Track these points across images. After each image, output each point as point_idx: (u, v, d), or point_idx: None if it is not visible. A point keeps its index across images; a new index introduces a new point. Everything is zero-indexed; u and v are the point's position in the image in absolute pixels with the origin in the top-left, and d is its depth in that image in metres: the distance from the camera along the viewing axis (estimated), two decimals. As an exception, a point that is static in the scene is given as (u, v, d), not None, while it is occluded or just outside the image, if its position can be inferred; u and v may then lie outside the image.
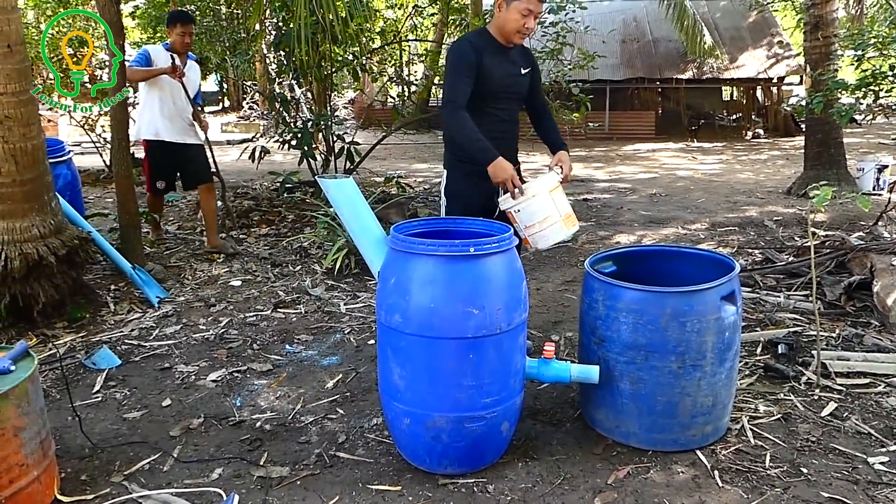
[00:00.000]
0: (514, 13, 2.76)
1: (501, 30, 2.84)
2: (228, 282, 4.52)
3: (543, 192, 2.68)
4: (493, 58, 2.83)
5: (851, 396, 2.86)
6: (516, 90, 2.98)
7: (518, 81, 2.97)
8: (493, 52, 2.85)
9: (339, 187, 2.44)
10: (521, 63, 2.96)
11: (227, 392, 3.01)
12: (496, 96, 2.89)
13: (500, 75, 2.86)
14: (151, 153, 4.96)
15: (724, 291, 2.39)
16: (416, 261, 2.18)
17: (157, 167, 4.99)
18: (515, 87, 2.97)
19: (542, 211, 2.68)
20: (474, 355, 2.17)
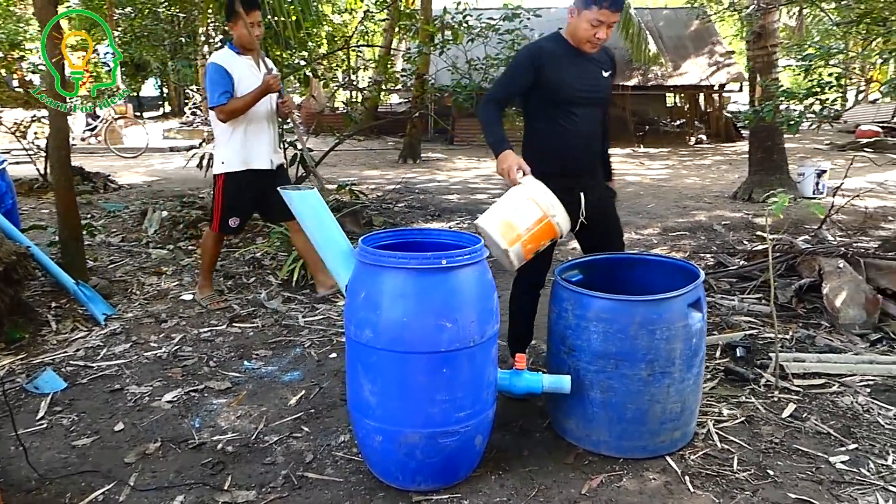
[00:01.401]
0: (584, 22, 2.68)
1: (573, 37, 2.75)
2: (179, 296, 4.36)
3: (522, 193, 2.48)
4: (565, 62, 2.74)
5: (809, 397, 2.93)
6: (596, 94, 2.82)
7: (599, 85, 2.82)
8: (566, 56, 2.75)
9: (303, 199, 2.37)
10: (604, 65, 2.82)
11: (185, 413, 2.88)
12: (571, 101, 2.77)
13: (572, 79, 2.74)
14: (232, 185, 3.93)
15: (690, 299, 2.41)
16: (387, 274, 2.13)
17: (235, 201, 3.96)
18: (595, 90, 2.81)
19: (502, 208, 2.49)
20: (448, 369, 2.13)
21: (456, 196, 8.49)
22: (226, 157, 3.90)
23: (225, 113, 3.74)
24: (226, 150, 3.90)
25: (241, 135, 3.86)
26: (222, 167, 3.91)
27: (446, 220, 6.80)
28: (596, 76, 2.80)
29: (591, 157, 2.91)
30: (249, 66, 3.85)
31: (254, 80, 3.80)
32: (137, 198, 7.82)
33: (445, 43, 6.74)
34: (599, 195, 2.94)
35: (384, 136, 16.55)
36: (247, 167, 3.91)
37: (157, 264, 5.02)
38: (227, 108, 3.73)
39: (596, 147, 2.92)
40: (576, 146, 2.80)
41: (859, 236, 5.54)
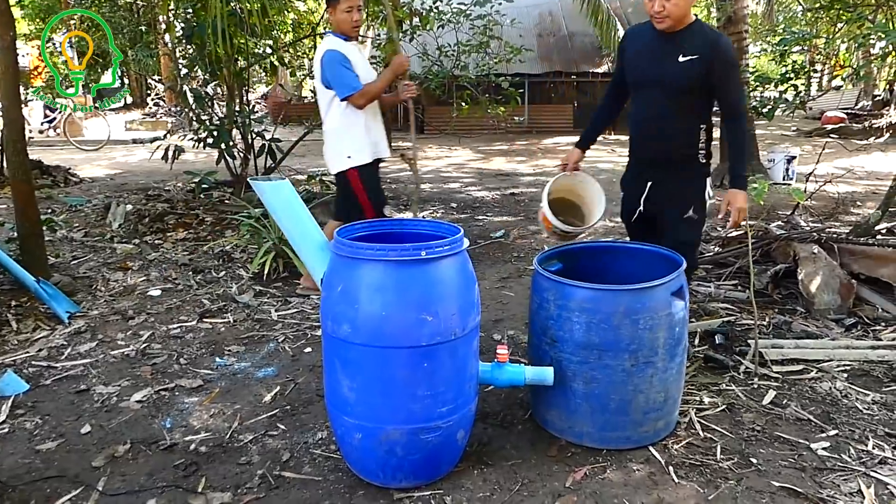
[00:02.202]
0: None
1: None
2: (147, 292, 4.23)
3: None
4: (641, 43, 2.74)
5: (788, 383, 2.93)
6: (658, 77, 2.69)
7: (664, 68, 2.67)
8: (647, 37, 2.72)
9: (275, 190, 2.28)
10: (684, 49, 2.62)
11: (155, 413, 2.78)
12: (636, 84, 2.79)
13: (639, 59, 2.73)
14: (368, 179, 3.71)
15: (673, 287, 2.38)
16: (365, 267, 2.06)
17: (377, 193, 3.81)
18: (658, 73, 2.69)
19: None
20: (429, 364, 2.07)
21: (428, 185, 8.41)
22: (353, 150, 3.63)
23: (365, 98, 3.52)
24: (351, 143, 3.63)
25: (363, 125, 3.63)
26: (350, 162, 3.64)
27: (419, 210, 6.72)
28: (666, 59, 2.65)
29: (661, 146, 2.78)
30: (356, 52, 3.67)
31: (362, 65, 3.66)
32: (100, 191, 7.59)
33: (415, 29, 6.63)
34: (670, 195, 2.81)
35: (354, 125, 16.34)
36: (375, 157, 3.72)
37: (122, 259, 4.86)
38: (365, 94, 3.52)
39: (669, 135, 2.73)
40: (641, 131, 2.79)
41: (831, 222, 5.60)
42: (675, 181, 2.81)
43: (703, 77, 2.61)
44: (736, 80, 2.66)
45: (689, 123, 2.73)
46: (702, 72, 2.61)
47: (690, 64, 2.61)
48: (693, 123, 2.73)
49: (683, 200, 2.83)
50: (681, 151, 2.77)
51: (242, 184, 6.34)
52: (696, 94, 2.67)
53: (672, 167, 2.80)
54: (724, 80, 2.63)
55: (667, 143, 2.76)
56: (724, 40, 2.63)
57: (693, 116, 2.72)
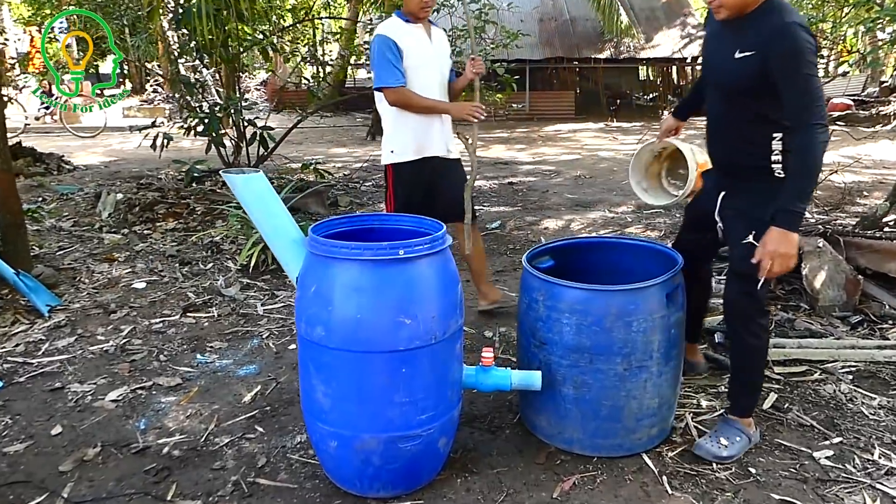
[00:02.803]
0: None
1: None
2: (131, 284, 4.11)
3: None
4: (710, 31, 2.35)
5: (790, 386, 2.81)
6: (719, 77, 2.28)
7: (722, 66, 2.23)
8: (715, 26, 2.28)
9: (248, 183, 2.16)
10: (741, 43, 2.11)
11: (130, 413, 2.67)
12: (705, 82, 2.43)
13: (706, 51, 2.39)
14: (405, 177, 3.29)
15: (669, 287, 2.26)
16: (339, 266, 1.93)
17: (410, 197, 3.28)
18: (718, 73, 2.30)
19: None
20: (407, 369, 1.95)
21: (426, 174, 8.26)
22: (396, 145, 3.26)
23: (395, 99, 3.14)
24: (395, 137, 3.27)
25: (411, 119, 3.21)
26: (391, 157, 3.29)
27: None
28: (723, 54, 2.20)
29: (725, 153, 2.35)
30: (419, 38, 3.22)
31: (423, 53, 3.21)
32: (93, 179, 7.48)
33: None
34: (735, 210, 2.31)
35: (352, 112, 16.19)
36: (420, 156, 3.26)
37: (108, 250, 4.75)
38: (400, 97, 3.13)
39: (732, 142, 2.28)
40: (707, 133, 2.40)
41: (837, 213, 5.46)
42: (743, 195, 2.29)
43: (761, 77, 2.08)
44: (798, 80, 2.01)
45: (756, 130, 2.19)
46: (759, 71, 2.07)
47: (745, 62, 2.11)
48: (762, 130, 2.18)
49: (745, 220, 2.24)
50: (748, 162, 2.25)
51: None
52: (760, 96, 2.12)
53: (741, 178, 2.30)
54: (781, 80, 2.04)
55: (730, 151, 2.32)
56: (789, 29, 2.01)
57: (761, 122, 2.17)
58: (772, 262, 2.06)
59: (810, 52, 2.01)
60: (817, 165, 2.06)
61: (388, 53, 3.11)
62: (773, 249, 2.05)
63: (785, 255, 2.06)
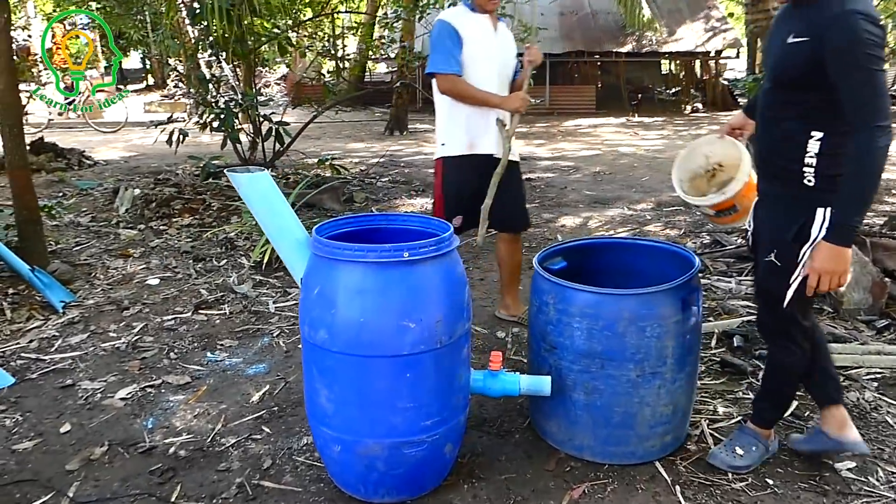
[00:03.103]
0: None
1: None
2: (145, 280, 4.12)
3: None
4: (777, 18, 2.10)
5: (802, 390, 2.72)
6: (770, 62, 2.05)
7: (773, 50, 2.01)
8: (781, 11, 2.07)
9: (252, 182, 2.12)
10: (796, 26, 1.90)
11: (138, 412, 2.66)
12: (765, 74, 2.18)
13: (767, 40, 2.13)
14: (453, 173, 3.12)
15: (685, 291, 2.18)
16: (342, 268, 1.89)
17: (458, 194, 3.11)
18: (770, 58, 2.06)
19: None
20: (411, 374, 1.91)
21: (444, 170, 8.21)
22: (447, 137, 3.11)
23: (445, 87, 2.98)
24: (447, 129, 3.11)
25: (465, 109, 3.04)
26: (441, 150, 3.14)
27: (431, 196, 6.53)
28: (778, 37, 1.98)
29: (764, 149, 2.07)
30: (483, 29, 3.06)
31: (486, 44, 3.05)
32: (112, 174, 7.53)
33: (426, 7, 6.40)
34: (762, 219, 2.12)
35: (371, 106, 16.17)
36: (472, 151, 3.08)
37: (124, 246, 4.77)
38: (450, 86, 2.97)
39: (770, 139, 2.04)
40: (756, 130, 2.13)
41: (862, 212, 5.30)
42: (770, 204, 2.08)
43: (811, 66, 1.85)
44: (857, 75, 1.79)
45: (797, 126, 1.94)
46: (809, 59, 1.85)
47: (796, 47, 1.88)
48: (804, 126, 1.93)
49: (770, 231, 2.05)
50: (781, 161, 1.99)
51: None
52: (808, 88, 1.89)
53: (773, 181, 2.06)
54: (837, 75, 1.80)
55: (768, 147, 2.06)
56: (848, 19, 1.78)
57: (804, 117, 1.93)
58: (819, 279, 1.87)
59: (872, 45, 1.77)
60: (876, 173, 1.80)
61: (446, 39, 2.96)
62: (821, 266, 1.86)
63: (834, 273, 1.86)
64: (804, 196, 1.93)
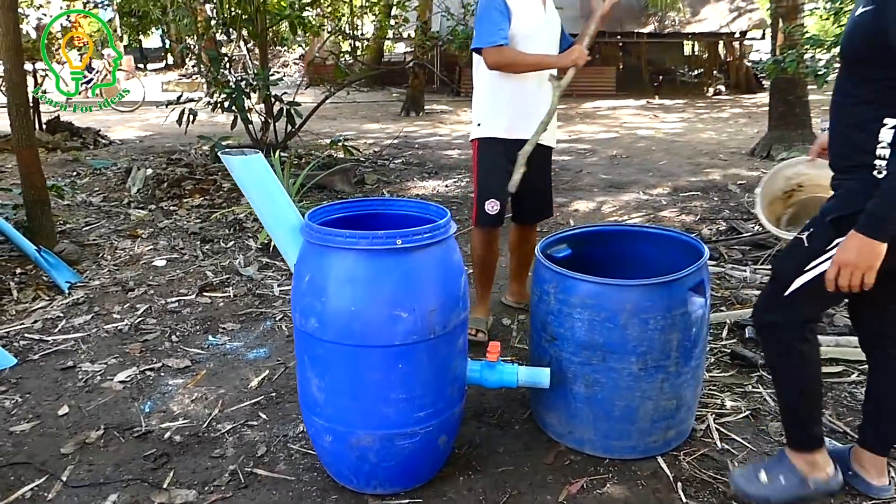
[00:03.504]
0: None
1: None
2: (152, 262, 4.11)
3: None
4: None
5: (824, 387, 2.62)
6: (842, 42, 1.80)
7: (847, 29, 1.78)
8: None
9: (246, 166, 2.07)
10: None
11: (136, 395, 2.65)
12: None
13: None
14: (490, 155, 2.89)
15: (691, 282, 2.10)
16: (333, 256, 1.84)
17: (493, 177, 2.87)
18: (843, 37, 1.81)
19: None
20: (404, 365, 1.86)
21: (457, 152, 8.12)
22: (483, 117, 2.86)
23: (496, 59, 2.70)
24: (485, 107, 2.87)
25: (508, 90, 2.78)
26: (478, 130, 2.89)
27: (443, 178, 6.48)
28: (853, 15, 1.74)
29: (835, 141, 1.83)
30: (532, 3, 2.84)
31: (535, 21, 2.82)
32: (127, 154, 7.54)
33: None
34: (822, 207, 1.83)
35: (388, 87, 16.06)
36: (510, 136, 2.82)
37: (133, 227, 4.76)
38: (502, 57, 2.70)
39: (842, 127, 1.79)
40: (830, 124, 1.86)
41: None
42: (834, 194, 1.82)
43: (877, 38, 1.60)
44: None
45: (868, 112, 1.69)
46: (874, 30, 1.61)
47: (862, 18, 1.66)
48: (875, 112, 1.67)
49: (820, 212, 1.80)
50: (851, 151, 1.75)
51: (263, 148, 6.17)
52: (877, 65, 1.65)
53: (842, 176, 1.80)
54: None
55: (839, 138, 1.82)
56: None
57: (875, 101, 1.68)
58: (838, 272, 1.64)
59: None
60: None
61: (494, 11, 2.72)
62: (844, 257, 1.61)
63: (857, 267, 1.60)
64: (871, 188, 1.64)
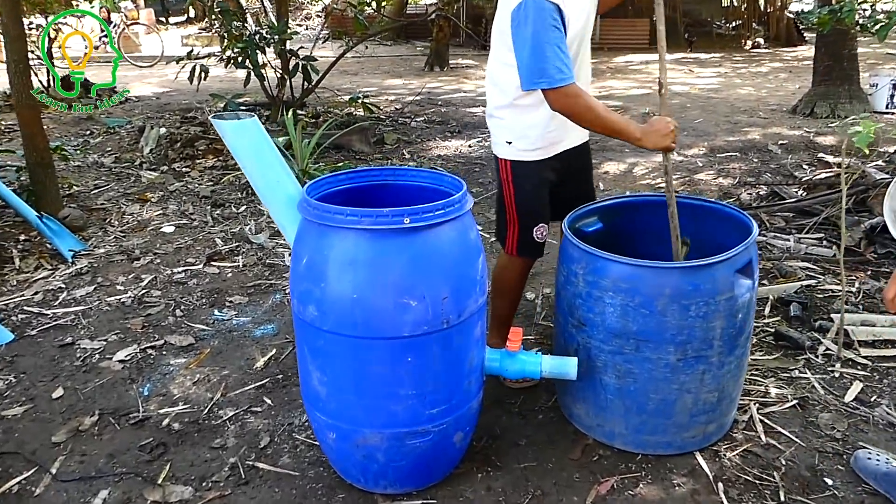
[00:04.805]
0: None
1: None
2: (160, 228, 3.94)
3: None
4: None
5: (879, 373, 2.39)
6: None
7: None
8: None
9: (238, 131, 1.84)
10: None
11: (135, 376, 2.50)
12: None
13: None
14: (528, 181, 2.20)
15: (739, 263, 1.86)
16: (333, 236, 1.62)
17: (538, 200, 2.23)
18: None
19: None
20: (413, 358, 1.66)
21: (481, 109, 7.78)
22: (517, 134, 2.15)
23: (563, 105, 1.95)
24: (514, 124, 2.15)
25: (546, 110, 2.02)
26: (510, 150, 2.18)
27: (467, 138, 6.19)
28: None
29: None
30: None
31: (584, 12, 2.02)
32: (142, 112, 7.36)
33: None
34: None
35: (412, 40, 15.58)
36: (551, 154, 2.19)
37: (143, 190, 4.60)
38: (570, 103, 1.94)
39: None
40: None
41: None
42: None
43: None
44: None
45: None
46: None
47: None
48: None
49: None
50: None
51: (279, 106, 5.94)
52: None
53: None
54: None
55: None
56: None
57: None
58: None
59: None
60: None
61: (551, 28, 1.88)
62: None
63: None
64: None
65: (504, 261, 2.37)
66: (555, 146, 2.19)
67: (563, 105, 1.95)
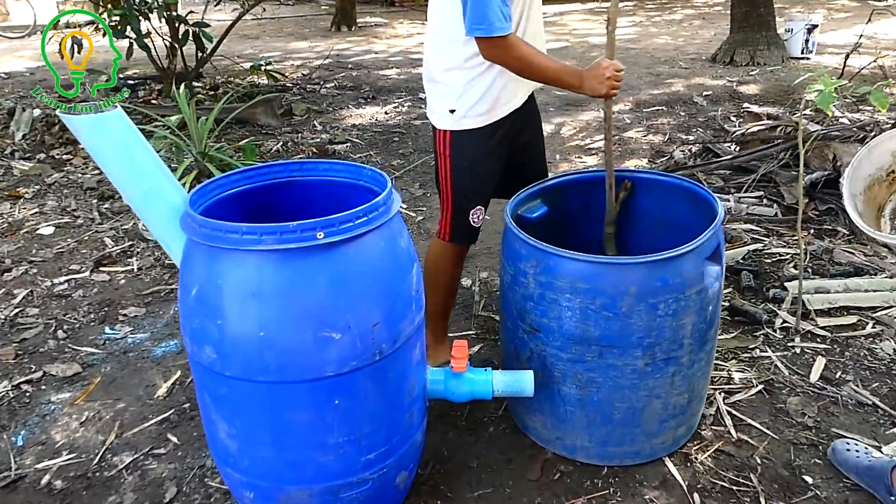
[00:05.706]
0: None
1: None
2: (36, 229, 3.42)
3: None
4: None
5: (839, 344, 2.26)
6: None
7: None
8: None
9: (98, 127, 1.44)
10: None
11: (7, 422, 2.08)
12: None
13: None
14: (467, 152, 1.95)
15: (708, 249, 1.63)
16: (227, 260, 1.28)
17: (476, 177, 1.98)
18: None
19: None
20: (342, 400, 1.35)
21: (395, 71, 7.36)
22: (458, 101, 1.91)
23: (496, 54, 1.78)
24: (460, 89, 1.90)
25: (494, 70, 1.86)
26: (450, 119, 1.93)
27: (382, 104, 5.80)
28: None
29: None
30: None
31: None
32: (13, 91, 6.54)
33: None
34: None
35: (314, 0, 14.80)
36: (493, 119, 1.93)
37: (15, 184, 4.01)
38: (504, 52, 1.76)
39: None
40: None
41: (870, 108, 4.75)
42: None
43: None
44: None
45: None
46: None
47: None
48: None
49: None
50: None
51: (171, 79, 5.36)
52: None
53: None
54: None
55: None
56: None
57: None
58: None
59: None
60: None
61: None
62: None
63: None
64: None
65: (437, 247, 2.10)
66: (496, 110, 1.93)
67: (495, 55, 1.80)
